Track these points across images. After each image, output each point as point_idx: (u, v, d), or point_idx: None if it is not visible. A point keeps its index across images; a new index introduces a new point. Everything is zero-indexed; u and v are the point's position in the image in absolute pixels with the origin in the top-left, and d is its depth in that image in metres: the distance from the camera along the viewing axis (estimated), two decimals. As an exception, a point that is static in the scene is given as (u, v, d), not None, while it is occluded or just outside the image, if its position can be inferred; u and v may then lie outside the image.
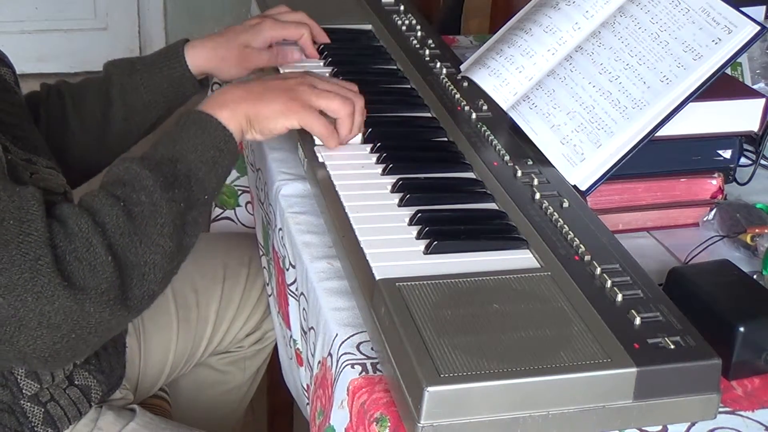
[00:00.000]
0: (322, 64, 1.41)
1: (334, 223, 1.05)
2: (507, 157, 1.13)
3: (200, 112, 1.08)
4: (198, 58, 1.39)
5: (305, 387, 1.12)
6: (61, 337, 0.93)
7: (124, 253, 0.96)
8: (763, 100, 1.20)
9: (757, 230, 1.13)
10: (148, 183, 0.99)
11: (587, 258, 0.94)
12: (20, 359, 0.96)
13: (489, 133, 1.18)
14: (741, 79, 1.44)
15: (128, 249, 0.97)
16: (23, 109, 1.26)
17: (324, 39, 1.45)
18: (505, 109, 1.22)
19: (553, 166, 1.13)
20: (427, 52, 1.43)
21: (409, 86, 1.35)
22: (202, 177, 1.04)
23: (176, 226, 1.00)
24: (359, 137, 1.18)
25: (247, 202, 1.62)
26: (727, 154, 1.21)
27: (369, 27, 1.56)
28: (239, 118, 1.09)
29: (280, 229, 1.21)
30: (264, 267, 1.38)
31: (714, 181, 1.21)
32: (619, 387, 0.81)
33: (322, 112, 1.14)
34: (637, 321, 0.86)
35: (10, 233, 0.92)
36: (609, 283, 0.90)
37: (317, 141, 1.16)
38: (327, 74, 1.38)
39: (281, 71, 1.37)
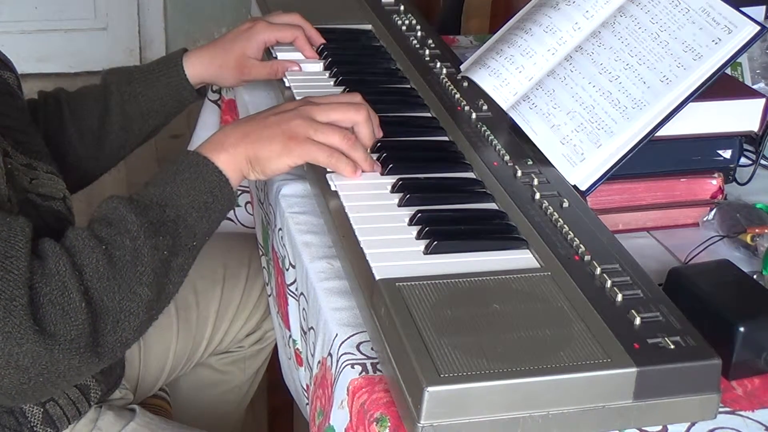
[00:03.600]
0: (321, 64, 1.40)
1: (334, 223, 1.05)
2: (507, 157, 1.13)
3: (197, 154, 1.05)
4: (196, 68, 1.39)
5: (305, 387, 1.12)
6: (28, 379, 0.91)
7: (101, 298, 0.94)
8: (763, 100, 1.20)
9: (757, 230, 1.13)
10: (132, 227, 0.96)
11: (587, 258, 0.94)
12: None
13: (489, 133, 1.18)
14: (741, 79, 1.44)
15: (105, 294, 0.94)
16: (26, 113, 1.26)
17: (319, 40, 1.45)
18: (505, 109, 1.22)
19: (553, 166, 1.13)
20: (427, 52, 1.43)
21: (409, 86, 1.35)
22: (192, 223, 1.01)
23: (157, 275, 0.97)
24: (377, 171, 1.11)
25: (247, 202, 1.61)
26: (727, 154, 1.21)
27: (369, 27, 1.56)
28: (239, 161, 1.06)
29: (280, 229, 1.20)
30: (264, 267, 1.38)
31: (714, 181, 1.21)
32: (619, 387, 0.81)
33: None
34: (637, 321, 0.86)
35: None
36: (609, 283, 0.90)
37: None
38: (328, 75, 1.39)
39: (285, 82, 1.37)
